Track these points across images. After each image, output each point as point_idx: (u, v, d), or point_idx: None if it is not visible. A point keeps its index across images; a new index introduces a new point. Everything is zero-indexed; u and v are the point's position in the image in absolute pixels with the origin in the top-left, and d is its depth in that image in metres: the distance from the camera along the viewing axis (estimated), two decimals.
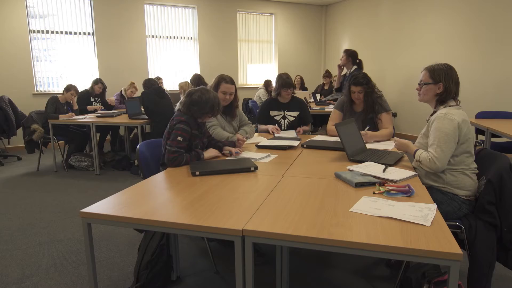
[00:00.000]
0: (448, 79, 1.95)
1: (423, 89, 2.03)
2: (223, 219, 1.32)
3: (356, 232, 1.18)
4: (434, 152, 1.86)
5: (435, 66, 2.01)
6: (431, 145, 1.90)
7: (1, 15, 6.04)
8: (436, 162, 1.85)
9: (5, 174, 4.81)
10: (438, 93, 1.98)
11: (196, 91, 2.19)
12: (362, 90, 2.86)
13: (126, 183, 4.29)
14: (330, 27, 9.18)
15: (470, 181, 1.90)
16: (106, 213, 1.43)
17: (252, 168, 1.97)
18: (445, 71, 1.97)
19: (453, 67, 2.01)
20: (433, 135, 1.89)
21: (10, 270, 2.40)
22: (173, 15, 7.62)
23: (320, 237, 1.16)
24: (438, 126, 1.88)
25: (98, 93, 5.66)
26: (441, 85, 1.96)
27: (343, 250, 1.15)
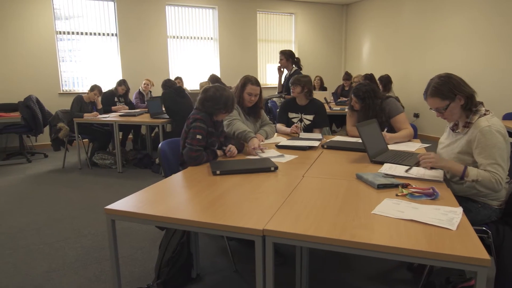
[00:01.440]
0: (458, 88, 1.78)
1: (447, 112, 1.83)
2: (244, 218, 1.33)
3: (378, 235, 1.16)
4: (497, 171, 1.67)
5: (435, 85, 1.81)
6: (490, 164, 1.69)
7: (29, 17, 6.26)
8: (501, 183, 1.68)
9: (32, 170, 4.98)
10: (462, 104, 1.81)
11: (211, 87, 2.21)
12: (357, 101, 2.86)
13: (148, 181, 4.37)
14: (351, 26, 9.07)
15: (504, 191, 1.81)
16: (129, 210, 1.46)
17: (273, 168, 1.97)
18: (448, 82, 1.79)
19: (445, 72, 1.83)
20: (488, 152, 1.70)
21: (37, 264, 2.48)
22: (193, 15, 7.70)
23: (342, 238, 1.15)
24: (492, 142, 1.70)
25: (122, 94, 5.79)
26: (458, 97, 1.79)
27: (365, 252, 1.13)
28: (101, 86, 5.38)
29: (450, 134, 1.98)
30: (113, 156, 5.03)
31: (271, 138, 2.92)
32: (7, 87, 6.21)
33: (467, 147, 1.80)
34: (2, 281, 2.28)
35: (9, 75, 6.24)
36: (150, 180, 4.41)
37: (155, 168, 4.82)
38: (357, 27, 8.84)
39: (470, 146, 1.79)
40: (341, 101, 6.44)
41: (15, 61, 6.25)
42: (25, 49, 6.30)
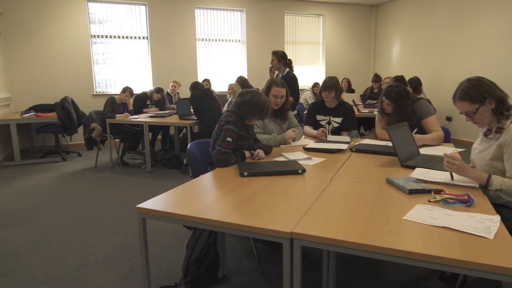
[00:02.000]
0: (488, 91, 1.71)
1: (476, 117, 1.77)
2: (272, 220, 1.33)
3: (410, 241, 1.13)
4: None
5: (464, 89, 1.76)
6: None
7: (66, 21, 6.54)
8: None
9: (67, 169, 5.19)
10: (492, 109, 1.74)
11: (248, 92, 2.22)
12: (390, 103, 2.78)
13: (176, 181, 4.46)
14: (381, 28, 8.89)
15: None
16: (159, 209, 1.49)
17: (300, 171, 1.96)
18: (478, 85, 1.73)
19: (475, 76, 1.76)
20: None
21: (71, 259, 2.58)
22: (222, 18, 7.79)
23: (372, 244, 1.12)
24: None
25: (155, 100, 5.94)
26: (489, 100, 1.73)
27: (396, 259, 1.10)
28: (132, 88, 5.55)
29: (483, 140, 1.91)
30: (142, 156, 5.16)
31: (298, 141, 2.91)
32: (45, 89, 6.52)
33: (498, 153, 1.74)
34: (38, 274, 2.39)
35: (47, 77, 6.54)
36: (178, 180, 4.49)
37: (183, 168, 4.91)
38: (387, 28, 8.65)
39: (501, 151, 1.72)
40: (370, 104, 6.32)
41: (52, 64, 6.55)
42: (62, 52, 6.59)
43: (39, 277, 2.35)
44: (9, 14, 6.18)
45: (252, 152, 2.31)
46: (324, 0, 8.37)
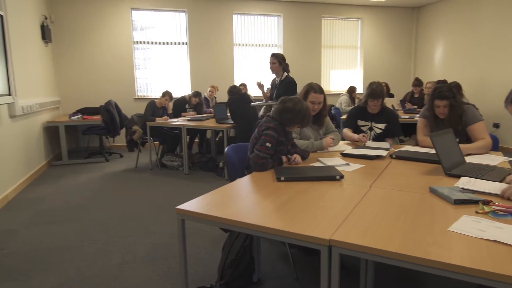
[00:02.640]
0: None
1: None
2: (309, 226, 1.32)
3: (457, 254, 1.08)
4: None
5: None
6: None
7: (111, 29, 6.88)
8: None
9: (109, 169, 5.43)
10: None
11: (290, 99, 2.22)
12: (447, 104, 2.64)
13: (212, 183, 4.53)
14: (422, 31, 8.59)
15: None
16: (198, 211, 1.52)
17: (338, 177, 1.93)
18: None
19: None
20: None
21: (112, 256, 2.70)
22: (259, 23, 7.86)
23: (415, 255, 1.08)
24: None
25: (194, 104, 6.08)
26: None
27: (441, 272, 1.06)
28: (172, 92, 5.72)
29: None
30: (180, 159, 5.30)
31: (335, 146, 2.86)
32: (91, 93, 6.87)
33: None
34: (83, 269, 2.51)
35: (93, 82, 6.90)
36: (214, 183, 4.57)
37: (219, 171, 4.98)
38: (429, 31, 8.34)
39: None
40: (410, 109, 6.12)
41: (98, 69, 6.91)
42: (107, 58, 6.93)
43: (83, 272, 2.47)
44: (60, 23, 6.59)
45: (289, 157, 2.31)
46: (363, 3, 8.22)
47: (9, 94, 3.97)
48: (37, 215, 3.57)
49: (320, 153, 2.66)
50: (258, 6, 7.69)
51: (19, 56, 4.59)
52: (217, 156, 5.83)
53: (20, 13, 4.82)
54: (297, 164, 2.28)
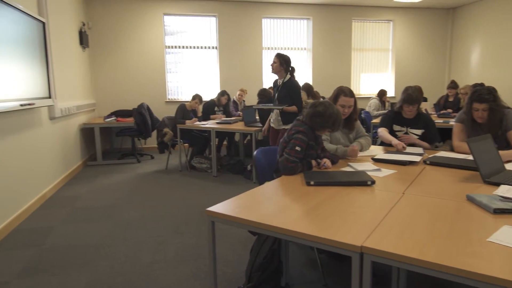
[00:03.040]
0: None
1: None
2: (340, 232, 1.30)
3: (498, 266, 1.03)
4: None
5: None
6: None
7: (144, 34, 7.09)
8: None
9: (141, 170, 5.59)
10: None
11: (321, 103, 2.21)
12: (487, 107, 2.52)
13: (240, 186, 4.56)
14: (458, 32, 8.28)
15: None
16: (228, 214, 1.54)
17: (369, 182, 1.89)
18: None
19: None
20: None
21: (143, 254, 2.77)
22: (288, 27, 7.86)
23: (452, 266, 1.05)
24: None
25: (224, 104, 6.16)
26: None
27: (480, 284, 1.01)
28: (201, 95, 5.82)
29: None
30: (209, 161, 5.37)
31: (366, 151, 2.81)
32: (124, 96, 7.11)
33: None
34: (115, 267, 2.59)
35: (126, 85, 7.14)
36: (242, 185, 4.59)
37: (247, 174, 5.00)
38: (465, 33, 8.03)
39: None
40: (445, 113, 5.91)
41: (131, 73, 7.14)
42: (140, 63, 7.15)
43: (116, 269, 2.55)
44: (97, 29, 6.87)
45: (318, 161, 2.29)
46: (395, 5, 8.04)
47: (49, 97, 4.17)
48: (73, 213, 3.72)
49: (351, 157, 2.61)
50: (287, 10, 7.69)
51: (58, 61, 4.82)
52: (245, 158, 5.86)
53: (60, 20, 5.07)
54: (326, 168, 2.25)
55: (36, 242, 3.02)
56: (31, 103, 3.57)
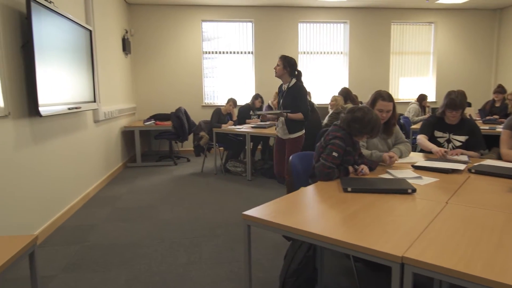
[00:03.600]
0: None
1: None
2: (380, 241, 1.27)
3: None
4: None
5: None
6: None
7: (183, 41, 7.30)
8: None
9: (177, 172, 5.73)
10: None
11: (359, 109, 2.16)
12: None
13: (274, 190, 4.56)
14: (506, 34, 7.84)
15: None
16: (264, 218, 1.54)
17: (410, 190, 1.83)
18: None
19: None
20: None
21: (179, 255, 2.83)
22: (324, 31, 7.79)
23: (502, 281, 0.99)
24: None
25: (258, 107, 6.22)
26: None
27: None
28: (237, 99, 5.90)
29: None
30: (243, 165, 5.41)
31: (406, 158, 2.72)
32: (163, 100, 7.34)
33: None
34: (152, 266, 2.67)
35: (165, 90, 7.37)
36: (276, 190, 4.59)
37: (281, 179, 4.98)
38: None
39: None
40: (490, 119, 5.61)
41: (170, 78, 7.37)
42: (178, 68, 7.36)
43: (153, 268, 2.63)
44: (138, 36, 7.15)
45: (355, 167, 2.25)
46: (437, 7, 7.75)
47: (94, 101, 4.39)
48: (114, 212, 3.88)
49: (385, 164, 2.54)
50: (324, 14, 7.63)
51: (103, 66, 5.07)
52: None
53: (106, 28, 5.33)
54: (364, 175, 2.21)
55: (80, 239, 3.18)
56: (77, 107, 3.77)
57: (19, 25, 2.93)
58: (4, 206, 2.67)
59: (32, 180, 3.08)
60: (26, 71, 2.99)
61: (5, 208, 2.67)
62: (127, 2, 6.91)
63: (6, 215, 2.68)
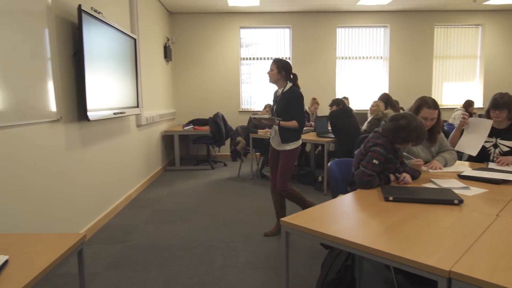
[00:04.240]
0: None
1: None
2: (425, 254, 1.22)
3: None
4: None
5: None
6: None
7: (222, 47, 7.44)
8: None
9: (214, 176, 5.82)
10: None
11: (402, 116, 2.09)
12: None
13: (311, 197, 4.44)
14: None
15: None
16: (303, 225, 1.53)
17: (456, 201, 1.74)
18: None
19: None
20: None
21: (216, 259, 2.87)
22: (363, 35, 7.64)
23: None
24: None
25: None
26: None
27: None
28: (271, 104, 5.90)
29: None
30: None
31: (452, 166, 2.60)
32: (202, 105, 7.51)
33: None
34: (190, 268, 2.72)
35: (204, 95, 7.54)
36: (313, 196, 4.51)
37: (318, 185, 4.93)
38: None
39: None
40: None
41: (209, 84, 7.53)
42: (216, 73, 7.51)
43: (190, 270, 2.68)
44: (179, 43, 7.38)
45: (397, 176, 2.18)
46: (484, 8, 7.37)
47: (137, 107, 4.57)
48: (154, 214, 4.00)
49: (433, 173, 2.44)
50: (363, 18, 7.50)
51: (145, 73, 5.28)
52: (316, 170, 5.78)
53: (149, 36, 5.55)
54: (406, 183, 2.13)
55: (122, 238, 3.31)
56: (122, 112, 3.95)
57: (71, 34, 3.13)
58: (55, 204, 2.84)
59: (80, 180, 3.25)
60: (76, 78, 3.18)
61: (55, 205, 2.85)
62: (169, 11, 7.16)
63: (56, 213, 2.86)
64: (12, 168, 2.34)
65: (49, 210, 2.76)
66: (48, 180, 2.75)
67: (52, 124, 2.81)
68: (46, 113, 2.71)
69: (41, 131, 2.67)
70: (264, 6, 6.90)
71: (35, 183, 2.59)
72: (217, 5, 6.79)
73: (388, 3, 6.79)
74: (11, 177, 2.33)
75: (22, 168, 2.45)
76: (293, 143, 3.20)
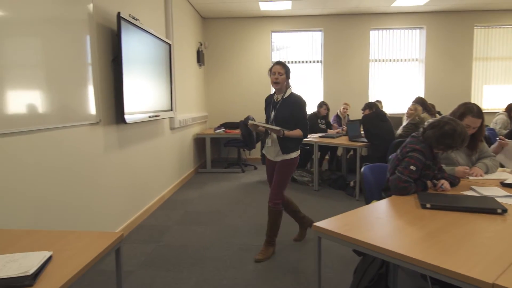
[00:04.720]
0: None
1: None
2: (466, 264, 1.17)
3: None
4: None
5: None
6: None
7: (253, 51, 7.49)
8: None
9: (244, 180, 5.86)
10: None
11: (446, 122, 2.01)
12: None
13: (342, 202, 4.43)
14: None
15: None
16: (335, 231, 1.51)
17: (500, 210, 1.66)
18: None
19: None
20: None
21: (247, 261, 2.88)
22: (398, 37, 7.45)
23: None
24: None
25: (323, 115, 6.14)
26: None
27: None
28: None
29: None
30: (310, 174, 5.35)
31: (493, 174, 2.48)
32: (232, 109, 7.59)
33: None
34: (221, 269, 2.75)
35: (235, 99, 7.62)
36: (344, 202, 4.46)
37: (349, 190, 4.84)
38: None
39: None
40: None
41: (240, 87, 7.60)
42: (248, 77, 7.57)
43: (221, 272, 2.71)
44: (211, 47, 7.51)
45: (435, 182, 2.10)
46: None
47: (171, 110, 4.69)
48: (185, 215, 4.08)
49: (473, 180, 2.33)
50: (397, 20, 7.31)
51: (179, 77, 5.41)
52: (347, 174, 5.68)
53: (183, 41, 5.69)
54: (444, 191, 2.05)
55: (155, 238, 3.39)
56: (157, 115, 4.06)
57: (110, 41, 3.26)
58: (93, 202, 2.96)
59: (117, 181, 3.37)
60: (114, 82, 3.31)
61: (93, 204, 2.97)
62: (202, 17, 7.30)
63: (93, 211, 2.98)
64: (55, 168, 2.47)
65: (87, 208, 2.88)
66: (87, 180, 2.87)
67: (92, 127, 2.94)
68: (86, 116, 2.83)
69: (81, 133, 2.80)
70: (296, 9, 6.89)
71: (74, 183, 2.71)
72: (249, 9, 6.85)
73: (424, 3, 6.58)
74: (53, 177, 2.45)
75: (64, 168, 2.58)
76: (294, 153, 3.01)
